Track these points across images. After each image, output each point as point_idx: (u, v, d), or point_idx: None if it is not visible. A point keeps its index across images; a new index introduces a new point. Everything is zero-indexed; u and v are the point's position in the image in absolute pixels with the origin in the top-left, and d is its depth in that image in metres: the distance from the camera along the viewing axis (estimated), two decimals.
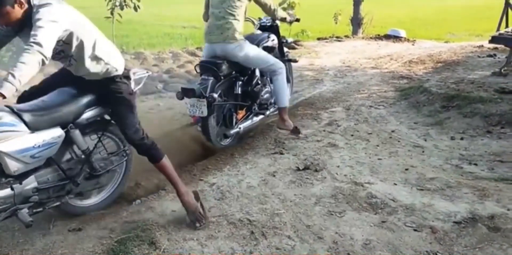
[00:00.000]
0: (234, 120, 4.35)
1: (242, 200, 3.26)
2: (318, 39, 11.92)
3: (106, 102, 2.86)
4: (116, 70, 2.81)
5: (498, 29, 7.28)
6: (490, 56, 8.48)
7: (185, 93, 3.87)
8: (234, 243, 2.74)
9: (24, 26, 2.47)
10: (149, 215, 3.04)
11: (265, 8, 4.32)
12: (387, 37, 12.16)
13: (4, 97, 2.14)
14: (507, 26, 7.40)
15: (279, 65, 4.29)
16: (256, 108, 4.55)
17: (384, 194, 3.32)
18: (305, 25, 5.22)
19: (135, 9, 6.84)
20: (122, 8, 6.68)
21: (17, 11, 2.40)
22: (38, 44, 2.23)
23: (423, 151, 4.21)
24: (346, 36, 12.56)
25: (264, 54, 4.27)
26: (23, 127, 2.45)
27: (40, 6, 2.40)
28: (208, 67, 4.00)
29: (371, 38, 12.35)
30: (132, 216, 3.03)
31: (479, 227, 2.84)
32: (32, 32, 2.28)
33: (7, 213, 2.49)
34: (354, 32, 13.03)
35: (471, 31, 14.86)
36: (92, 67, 2.70)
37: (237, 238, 2.79)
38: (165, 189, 3.43)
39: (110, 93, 2.81)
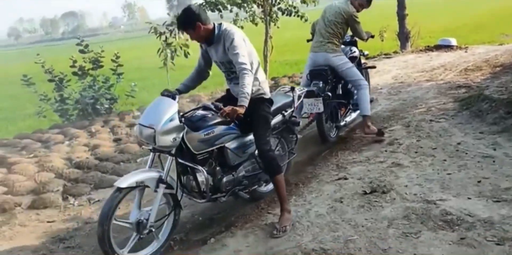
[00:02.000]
0: (339, 116, 5.32)
1: (313, 229, 3.26)
2: (367, 58, 11.84)
3: (249, 116, 3.40)
4: (265, 94, 3.54)
5: None
6: None
7: (307, 94, 4.61)
8: None
9: (210, 42, 3.36)
10: (224, 252, 3.12)
11: (356, 31, 5.20)
12: (438, 47, 11.88)
13: (245, 108, 3.07)
14: None
15: (364, 81, 5.17)
16: (351, 106, 5.49)
17: (459, 210, 3.21)
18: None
19: (185, 56, 7.20)
20: (172, 58, 7.06)
21: (203, 29, 3.24)
22: (249, 70, 3.17)
23: (493, 161, 4.03)
24: (395, 52, 12.39)
25: (355, 70, 5.14)
26: (238, 131, 3.45)
27: (232, 33, 3.26)
28: (318, 73, 4.98)
29: (421, 50, 12.11)
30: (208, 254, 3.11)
31: None
32: (240, 60, 3.18)
33: (230, 193, 3.49)
34: (402, 47, 12.83)
35: None
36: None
37: None
38: (236, 226, 3.50)
39: (255, 110, 3.42)
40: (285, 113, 3.94)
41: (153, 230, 3.11)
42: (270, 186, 3.98)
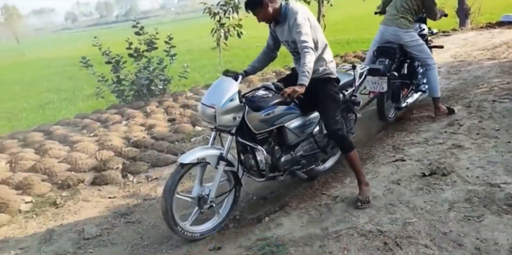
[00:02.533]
0: (401, 96, 5.13)
1: (369, 211, 3.22)
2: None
3: (315, 100, 3.46)
4: (332, 74, 3.53)
5: None
6: None
7: (371, 72, 4.49)
8: None
9: (277, 22, 3.39)
10: (279, 231, 3.13)
11: (431, 11, 5.01)
12: (500, 24, 11.24)
13: (305, 87, 3.07)
14: None
15: (433, 61, 4.98)
16: (414, 87, 5.32)
17: None
18: None
19: (239, 36, 7.15)
20: (226, 38, 7.02)
21: (271, 8, 3.28)
22: (311, 48, 3.16)
23: None
24: (454, 29, 11.85)
25: (426, 47, 4.95)
26: (298, 110, 3.46)
27: (295, 12, 3.26)
28: (385, 50, 4.84)
29: (481, 27, 11.51)
30: (263, 233, 3.14)
31: None
32: (302, 38, 3.17)
33: (287, 172, 3.53)
34: (462, 24, 12.24)
35: None
36: (316, 65, 3.35)
37: (371, 250, 2.75)
38: (290, 206, 3.51)
39: (322, 90, 3.47)
40: (345, 93, 3.87)
41: (214, 205, 3.24)
42: (327, 165, 4.03)
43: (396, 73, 4.76)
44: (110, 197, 4.24)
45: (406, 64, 5.11)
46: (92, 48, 8.07)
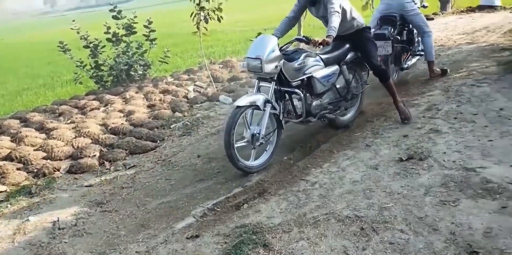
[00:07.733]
0: (402, 59, 5.84)
1: (347, 196, 3.23)
2: None
3: (357, 46, 4.43)
4: (362, 25, 4.43)
5: None
6: None
7: (376, 37, 5.08)
8: (345, 241, 2.71)
9: (315, 2, 4.20)
10: (257, 218, 3.12)
11: None
12: (480, 8, 11.30)
13: (332, 39, 3.86)
14: None
15: (429, 29, 5.74)
16: (411, 52, 6.02)
17: (500, 178, 3.09)
18: None
19: (219, 20, 7.01)
20: (207, 22, 6.87)
21: None
22: (337, 11, 3.95)
23: None
24: (435, 14, 11.86)
25: (423, 17, 5.73)
26: (322, 63, 4.16)
27: None
28: (388, 18, 5.55)
29: (462, 12, 11.55)
30: (242, 220, 3.13)
31: None
32: (330, 6, 3.96)
33: (319, 115, 4.24)
34: (443, 8, 12.23)
35: None
36: (351, 24, 4.32)
37: (348, 235, 2.76)
38: (270, 192, 3.50)
39: (360, 39, 4.43)
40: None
41: (264, 142, 3.91)
42: (349, 115, 4.70)
43: (399, 37, 5.49)
44: (86, 186, 4.18)
45: (405, 32, 5.78)
46: (71, 33, 7.85)
